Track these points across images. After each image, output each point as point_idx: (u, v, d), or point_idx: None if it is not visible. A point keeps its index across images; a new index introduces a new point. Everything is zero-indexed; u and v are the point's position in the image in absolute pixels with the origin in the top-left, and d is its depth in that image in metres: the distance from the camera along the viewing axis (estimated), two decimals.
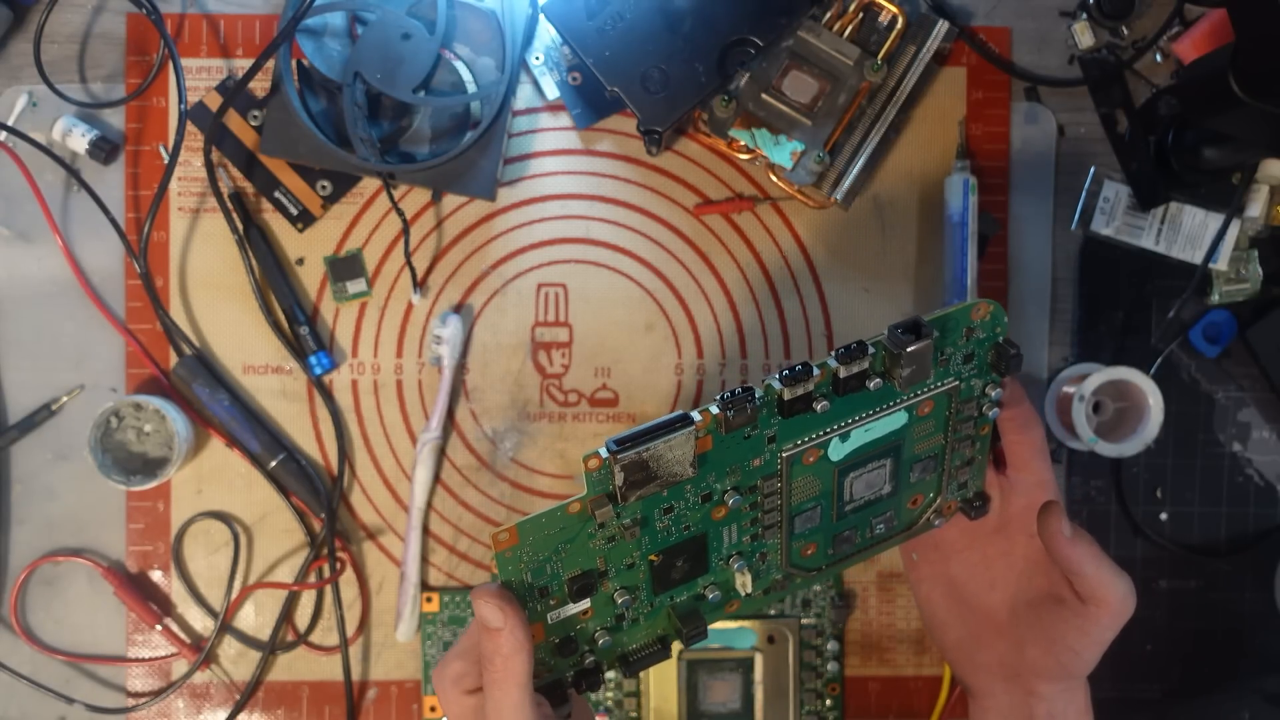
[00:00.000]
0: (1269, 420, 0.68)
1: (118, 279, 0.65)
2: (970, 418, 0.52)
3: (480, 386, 0.66)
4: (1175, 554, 0.67)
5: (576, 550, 0.47)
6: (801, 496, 0.50)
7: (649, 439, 0.44)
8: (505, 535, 0.45)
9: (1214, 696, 0.68)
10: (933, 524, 0.55)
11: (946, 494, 0.54)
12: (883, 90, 0.63)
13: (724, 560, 0.51)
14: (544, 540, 0.46)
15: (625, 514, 0.46)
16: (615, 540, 0.47)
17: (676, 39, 0.61)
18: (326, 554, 0.64)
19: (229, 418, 0.64)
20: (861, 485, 0.51)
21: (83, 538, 0.65)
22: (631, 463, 0.44)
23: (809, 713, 0.66)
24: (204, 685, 0.65)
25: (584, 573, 0.47)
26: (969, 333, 0.49)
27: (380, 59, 0.60)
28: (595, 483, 0.45)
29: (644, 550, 0.48)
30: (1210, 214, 0.66)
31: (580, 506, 0.45)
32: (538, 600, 0.47)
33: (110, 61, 0.65)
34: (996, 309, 0.49)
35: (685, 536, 0.49)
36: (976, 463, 0.54)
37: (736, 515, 0.49)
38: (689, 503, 0.47)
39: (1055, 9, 0.67)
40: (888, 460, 0.51)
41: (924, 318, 0.47)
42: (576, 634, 0.49)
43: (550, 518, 0.45)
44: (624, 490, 0.45)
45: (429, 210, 0.65)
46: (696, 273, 0.66)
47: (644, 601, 0.50)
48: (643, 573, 0.49)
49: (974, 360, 0.50)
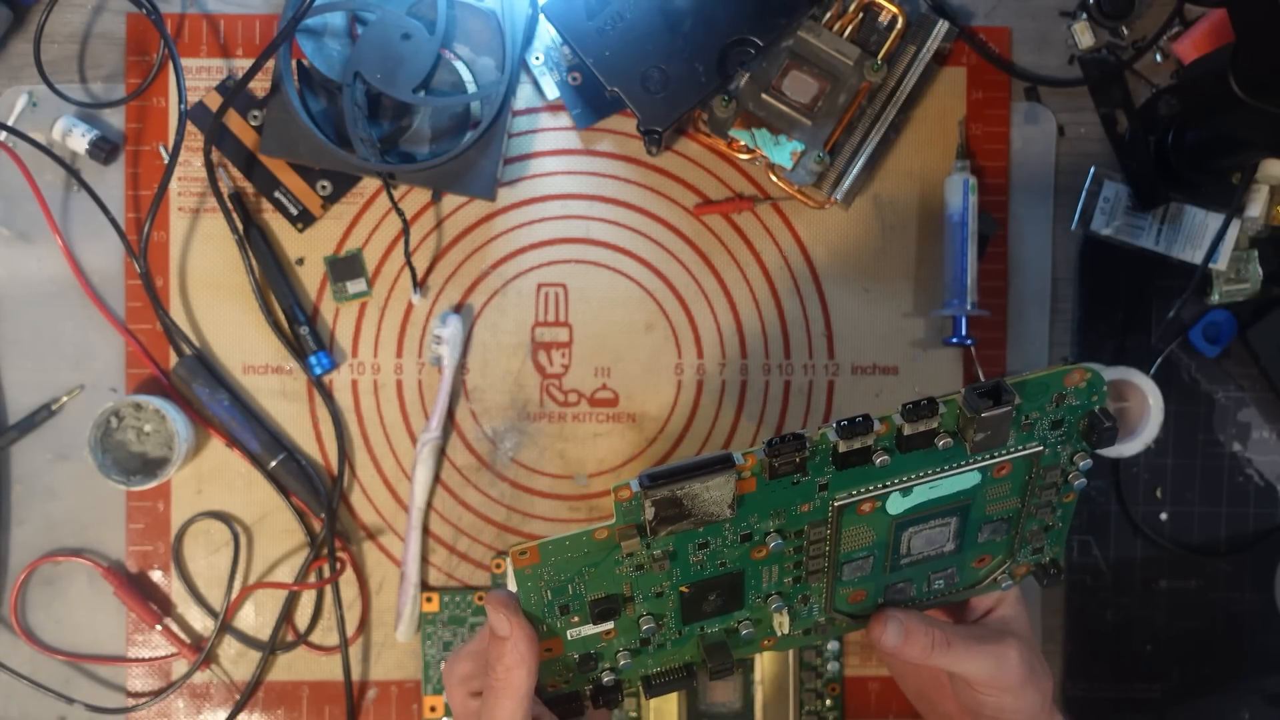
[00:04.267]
0: (1269, 420, 0.68)
1: (118, 279, 0.65)
2: (1053, 485, 0.48)
3: (480, 386, 0.66)
4: (1175, 554, 0.67)
5: (602, 574, 0.45)
6: (852, 545, 0.47)
7: (686, 477, 0.41)
8: (526, 554, 0.43)
9: (1214, 696, 0.68)
10: (999, 585, 0.52)
11: (1018, 557, 0.51)
12: (883, 90, 0.63)
13: (761, 599, 0.48)
14: (567, 563, 0.44)
15: (655, 546, 0.44)
16: (644, 569, 0.45)
17: (676, 39, 0.61)
18: (326, 554, 0.64)
19: (229, 418, 0.64)
20: (921, 541, 0.48)
21: (83, 538, 0.65)
22: (664, 499, 0.42)
23: (809, 713, 0.66)
24: (204, 685, 0.65)
25: (608, 596, 0.45)
26: (1060, 399, 0.45)
27: (380, 59, 0.60)
28: (624, 513, 0.43)
29: (674, 581, 0.46)
30: (1210, 214, 0.66)
31: (607, 534, 0.43)
32: (557, 617, 0.46)
33: (110, 61, 0.65)
34: (1095, 377, 0.45)
35: (720, 572, 0.46)
36: (1055, 530, 0.51)
37: (779, 558, 0.47)
38: (726, 541, 0.45)
39: (1055, 9, 0.67)
40: (953, 519, 0.48)
41: (1006, 381, 0.43)
42: (598, 652, 0.48)
43: (575, 542, 0.43)
44: (654, 525, 0.42)
45: (429, 210, 0.65)
46: (696, 273, 0.66)
47: (672, 629, 0.48)
48: (672, 602, 0.47)
49: (1063, 427, 0.46)
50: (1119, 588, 0.67)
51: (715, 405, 0.66)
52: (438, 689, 0.65)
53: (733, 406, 0.66)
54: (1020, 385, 0.43)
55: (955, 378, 0.66)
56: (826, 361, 0.66)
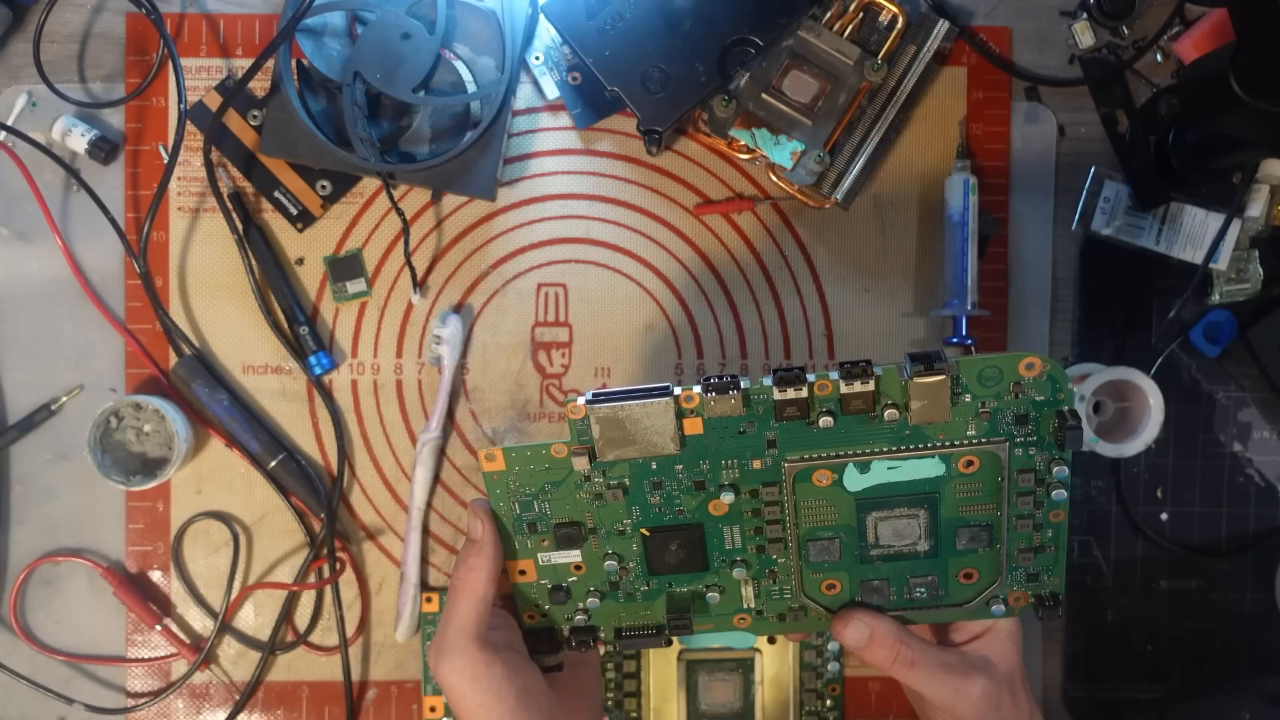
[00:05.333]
0: (1269, 420, 0.68)
1: (117, 279, 0.65)
2: (1030, 493, 0.48)
3: (480, 386, 0.66)
4: (1175, 554, 0.67)
5: (563, 497, 0.49)
6: (814, 521, 0.49)
7: (628, 398, 0.45)
8: (493, 459, 0.47)
9: (1214, 696, 0.68)
10: (990, 611, 0.52)
11: (1008, 579, 0.51)
12: (883, 90, 0.63)
13: (727, 564, 0.51)
14: (530, 475, 0.48)
15: (606, 470, 0.48)
16: (602, 500, 0.49)
17: (676, 39, 0.61)
18: (326, 554, 0.64)
19: (229, 418, 0.64)
20: (888, 530, 0.50)
21: (82, 538, 0.65)
22: (607, 417, 0.46)
23: (809, 713, 0.66)
24: (204, 685, 0.65)
25: (571, 523, 0.49)
26: (1017, 389, 0.45)
27: (380, 59, 0.60)
28: (577, 432, 0.47)
29: (635, 521, 0.49)
30: (1210, 214, 0.66)
31: (565, 452, 0.47)
32: (527, 535, 0.50)
33: (110, 61, 0.65)
34: (1054, 369, 0.45)
35: (680, 521, 0.49)
36: (1049, 554, 0.51)
37: (737, 517, 0.49)
38: (680, 485, 0.48)
39: (1055, 9, 0.67)
40: (920, 510, 0.49)
41: (943, 353, 0.44)
42: (569, 587, 0.51)
43: (535, 452, 0.47)
44: (601, 445, 0.46)
45: (429, 210, 0.65)
46: (696, 273, 0.66)
47: (639, 577, 0.51)
48: (635, 545, 0.50)
49: (1031, 424, 0.46)
50: (1119, 588, 0.67)
51: None
52: (438, 689, 0.65)
53: None
54: (968, 362, 0.45)
55: None
56: (826, 361, 0.66)
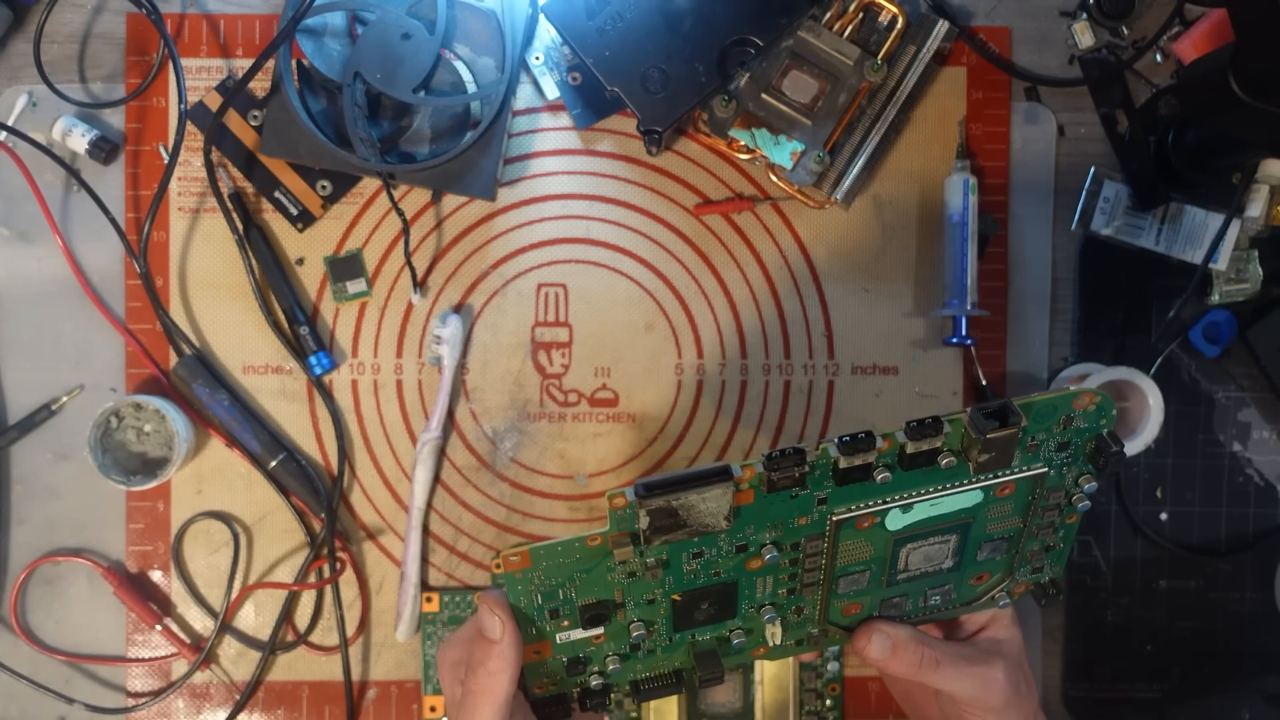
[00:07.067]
0: (1269, 420, 0.68)
1: (118, 279, 0.65)
2: (1056, 506, 0.48)
3: (480, 386, 0.66)
4: (1175, 554, 0.67)
5: (593, 580, 0.44)
6: (849, 560, 0.47)
7: (683, 488, 0.41)
8: (516, 558, 0.43)
9: (1214, 696, 0.68)
10: (996, 602, 0.52)
11: (1017, 575, 0.51)
12: (883, 90, 0.63)
13: (754, 609, 0.48)
14: (558, 568, 0.44)
15: (648, 554, 0.44)
16: (636, 577, 0.45)
17: (676, 39, 0.61)
18: (326, 554, 0.64)
19: (229, 418, 0.64)
20: (919, 557, 0.48)
21: (83, 538, 0.65)
22: (659, 509, 0.41)
23: (809, 713, 0.66)
24: (204, 685, 0.65)
25: (599, 602, 0.45)
26: (1067, 421, 0.44)
27: (380, 59, 0.60)
28: (618, 521, 0.42)
29: (667, 589, 0.46)
30: (1210, 214, 0.66)
31: (600, 541, 0.43)
32: (547, 620, 0.45)
33: (110, 61, 0.65)
34: (1104, 401, 0.44)
35: (714, 582, 0.46)
36: (1056, 550, 0.51)
37: (774, 569, 0.46)
38: (721, 551, 0.45)
39: (1055, 9, 0.67)
40: (952, 536, 0.47)
41: (1014, 403, 0.42)
42: (587, 656, 0.47)
43: (567, 548, 0.43)
44: (648, 534, 0.42)
45: (429, 210, 0.65)
46: (696, 273, 0.66)
47: (662, 635, 0.48)
48: (664, 609, 0.47)
49: (1070, 449, 0.45)
50: (1119, 588, 0.67)
51: (715, 405, 0.66)
52: (438, 689, 0.65)
53: (733, 406, 0.66)
54: (1027, 407, 0.43)
55: (955, 378, 0.66)
56: (826, 361, 0.66)
